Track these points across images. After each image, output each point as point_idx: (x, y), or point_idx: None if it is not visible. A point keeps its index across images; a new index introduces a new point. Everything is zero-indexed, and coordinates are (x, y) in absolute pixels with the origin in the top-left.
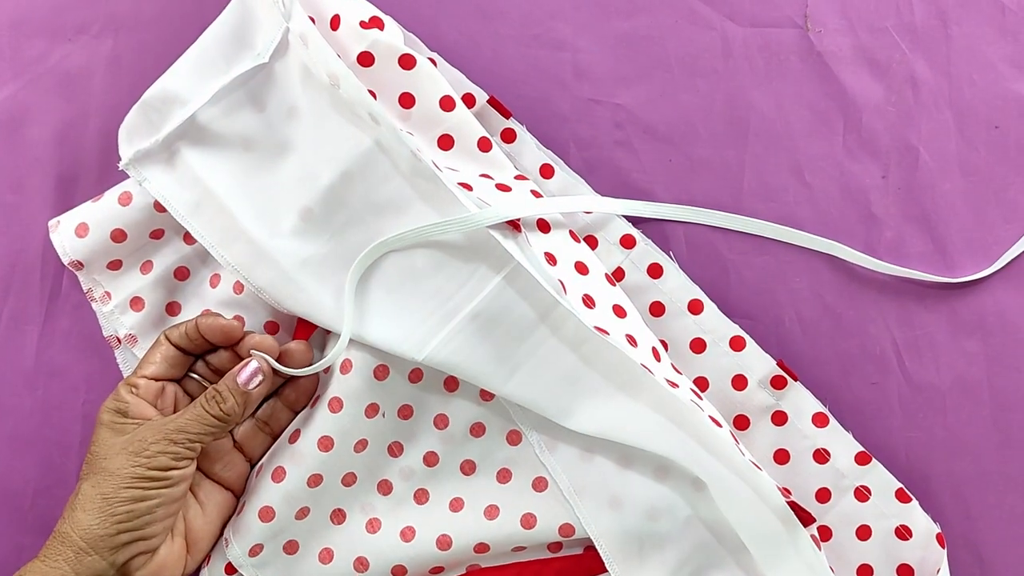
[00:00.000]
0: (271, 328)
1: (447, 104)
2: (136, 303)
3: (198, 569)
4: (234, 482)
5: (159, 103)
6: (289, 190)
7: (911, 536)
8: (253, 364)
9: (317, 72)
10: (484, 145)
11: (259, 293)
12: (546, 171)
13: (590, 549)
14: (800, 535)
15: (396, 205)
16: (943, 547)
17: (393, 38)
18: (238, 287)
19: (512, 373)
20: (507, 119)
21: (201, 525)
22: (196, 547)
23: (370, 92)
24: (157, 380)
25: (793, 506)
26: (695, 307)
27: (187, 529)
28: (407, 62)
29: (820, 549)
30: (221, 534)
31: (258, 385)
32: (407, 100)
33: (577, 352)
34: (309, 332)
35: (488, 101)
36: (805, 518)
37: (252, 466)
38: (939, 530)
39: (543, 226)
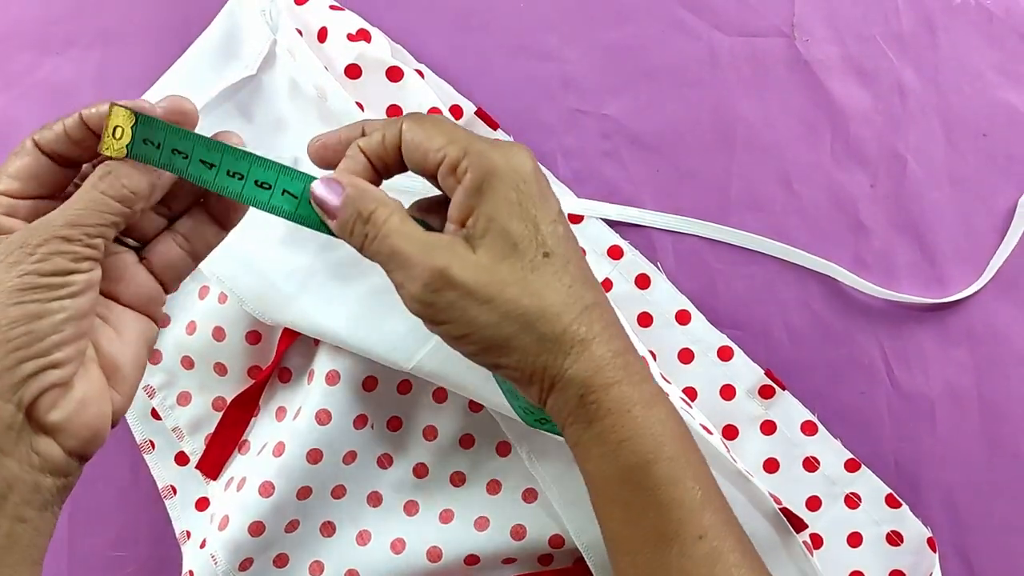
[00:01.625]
0: (254, 337)
1: None
2: None
3: None
4: (147, 306)
5: None
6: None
7: (902, 542)
8: None
9: (304, 84)
10: None
11: (243, 304)
12: None
13: (580, 561)
14: (792, 541)
15: None
16: (935, 551)
17: (380, 50)
18: (223, 297)
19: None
20: (495, 130)
21: (119, 349)
22: (119, 376)
23: (357, 104)
24: (21, 199)
25: (785, 512)
26: (683, 318)
27: (101, 355)
28: (394, 74)
29: (812, 555)
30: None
31: None
32: (395, 112)
33: None
34: (292, 339)
35: (476, 112)
36: (797, 524)
37: (167, 292)
38: (930, 534)
39: None
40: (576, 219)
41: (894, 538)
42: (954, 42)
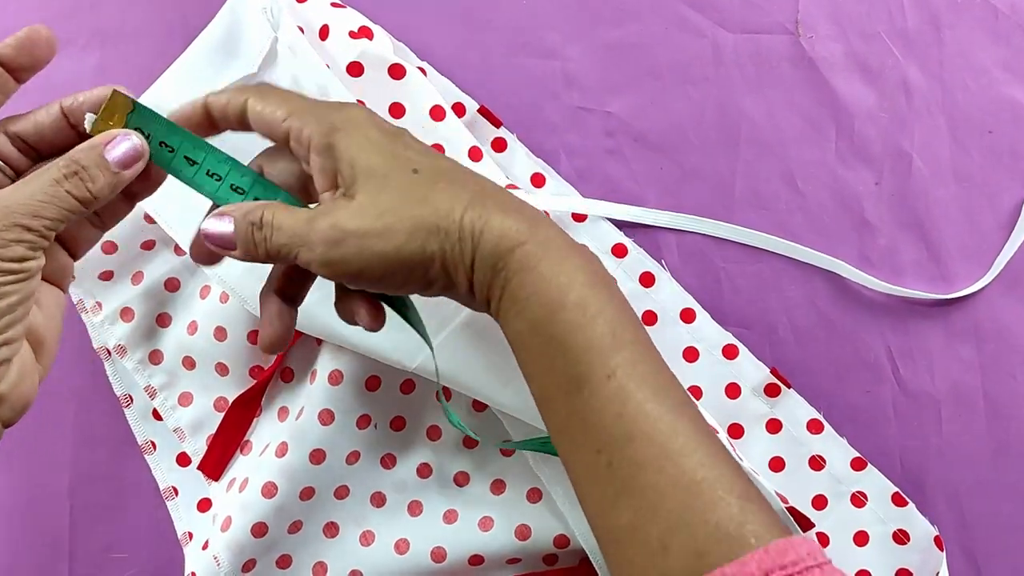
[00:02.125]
0: (256, 338)
1: (437, 114)
2: (126, 314)
3: None
4: (60, 278)
5: None
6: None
7: (909, 540)
8: (131, 141)
9: (306, 82)
10: (475, 155)
11: (245, 304)
12: (537, 180)
13: (585, 561)
14: None
15: None
16: (941, 550)
17: (383, 48)
18: (224, 297)
19: (507, 382)
20: (497, 128)
21: (42, 321)
22: (43, 348)
23: (359, 102)
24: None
25: (792, 512)
26: (687, 316)
27: (28, 329)
28: (397, 72)
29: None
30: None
31: (134, 171)
32: (397, 110)
33: None
34: (295, 338)
35: (478, 110)
36: (804, 523)
37: (75, 260)
38: (937, 532)
39: None
40: (580, 217)
41: (901, 537)
42: (959, 39)
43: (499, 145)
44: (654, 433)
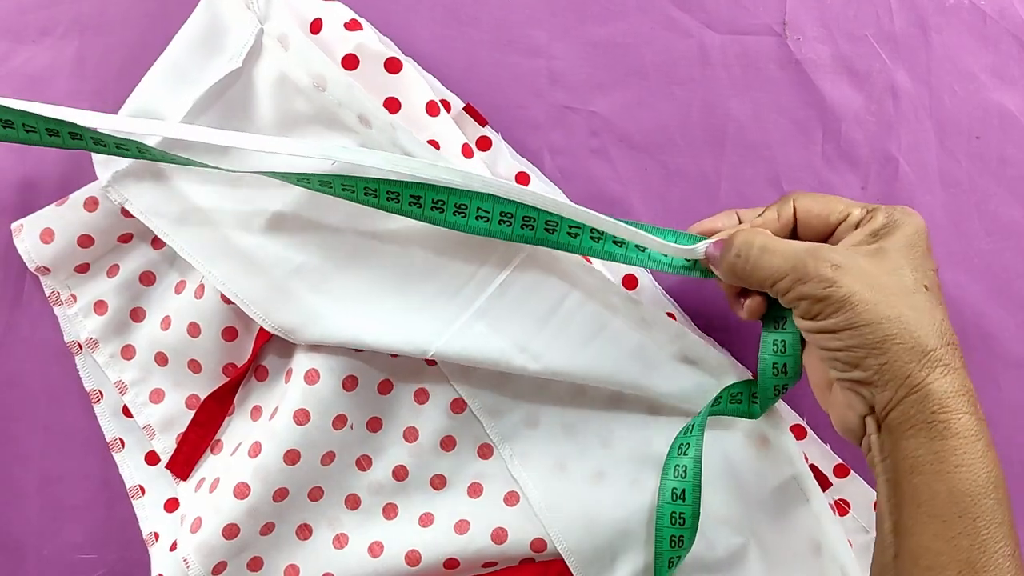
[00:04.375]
0: (230, 334)
1: (432, 110)
2: (100, 307)
3: None
4: None
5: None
6: (276, 197)
7: None
8: None
9: (296, 76)
10: (467, 152)
11: (245, 307)
12: (522, 179)
13: (562, 560)
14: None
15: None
16: None
17: (377, 41)
18: (200, 292)
19: (551, 338)
20: (483, 127)
21: None
22: None
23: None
24: None
25: (813, 469)
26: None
27: None
28: (393, 66)
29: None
30: None
31: None
32: (393, 104)
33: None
34: (268, 335)
35: (464, 108)
36: (823, 483)
37: None
38: None
39: None
40: None
41: None
42: (947, 43)
43: (484, 144)
44: None
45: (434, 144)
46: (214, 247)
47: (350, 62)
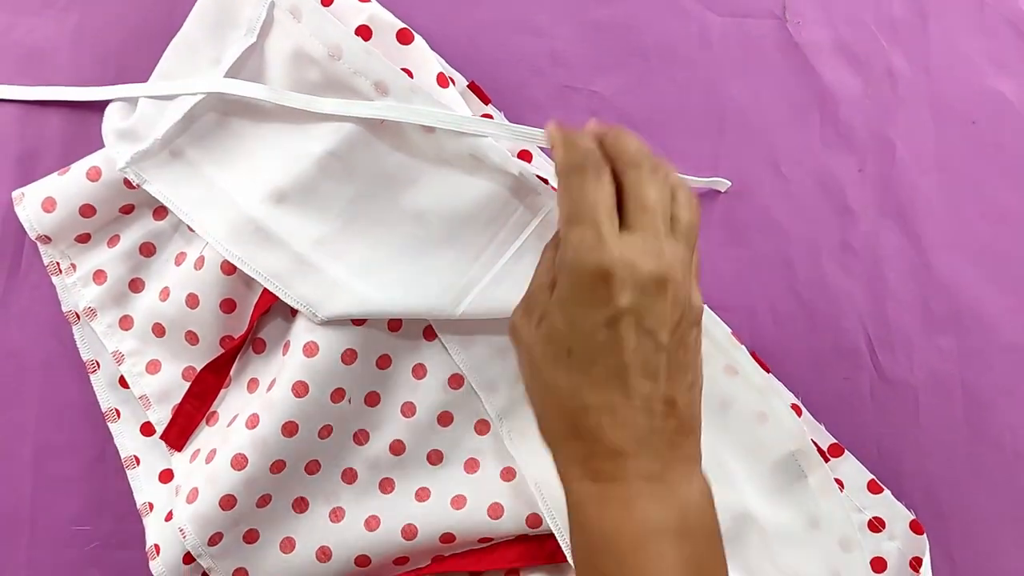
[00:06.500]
0: (228, 306)
1: (442, 82)
2: (99, 276)
3: None
4: None
5: (153, 102)
6: (292, 171)
7: (884, 527)
8: None
9: (310, 47)
10: None
11: (266, 282)
12: (524, 157)
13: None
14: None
15: (407, 172)
16: (920, 533)
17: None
18: (199, 263)
19: None
20: (486, 105)
21: None
22: None
23: (406, 71)
24: None
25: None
26: None
27: None
28: (405, 37)
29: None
30: None
31: None
32: (406, 75)
33: None
34: (266, 307)
35: (468, 86)
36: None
37: None
38: (913, 516)
39: None
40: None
41: (876, 524)
42: (945, 29)
43: None
44: None
45: None
46: (233, 225)
47: (363, 32)
